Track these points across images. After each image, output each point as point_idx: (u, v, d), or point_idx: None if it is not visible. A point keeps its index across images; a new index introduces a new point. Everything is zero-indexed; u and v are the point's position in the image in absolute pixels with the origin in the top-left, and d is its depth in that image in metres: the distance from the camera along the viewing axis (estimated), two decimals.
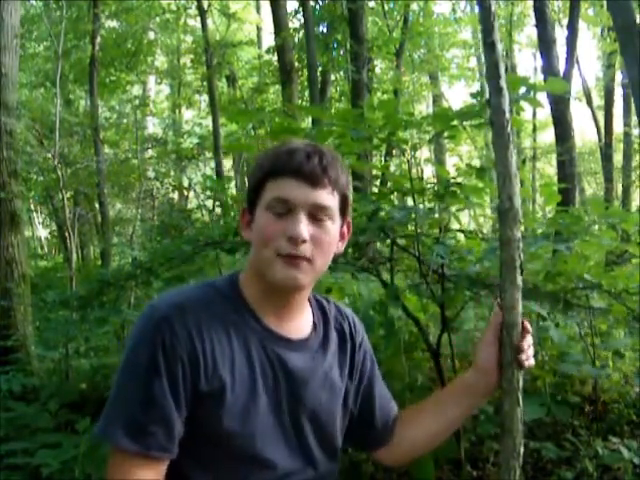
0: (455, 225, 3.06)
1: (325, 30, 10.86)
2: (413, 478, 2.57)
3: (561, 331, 2.46)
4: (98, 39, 12.47)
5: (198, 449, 1.04)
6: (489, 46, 1.17)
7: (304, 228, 1.02)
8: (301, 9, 10.23)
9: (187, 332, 0.99)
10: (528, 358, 1.15)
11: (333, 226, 1.07)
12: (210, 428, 1.02)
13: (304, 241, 1.02)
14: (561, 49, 8.81)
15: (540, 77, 14.22)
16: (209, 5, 13.62)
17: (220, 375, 1.01)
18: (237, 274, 1.14)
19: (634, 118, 13.13)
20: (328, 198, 1.05)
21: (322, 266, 1.07)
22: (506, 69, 1.18)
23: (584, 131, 20.98)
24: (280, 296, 1.10)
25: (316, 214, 1.04)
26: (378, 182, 7.19)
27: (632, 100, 6.92)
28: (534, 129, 16.85)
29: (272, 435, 1.06)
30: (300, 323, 1.15)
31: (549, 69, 8.06)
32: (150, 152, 14.21)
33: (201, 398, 1.00)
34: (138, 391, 0.98)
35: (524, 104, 1.97)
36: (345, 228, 1.14)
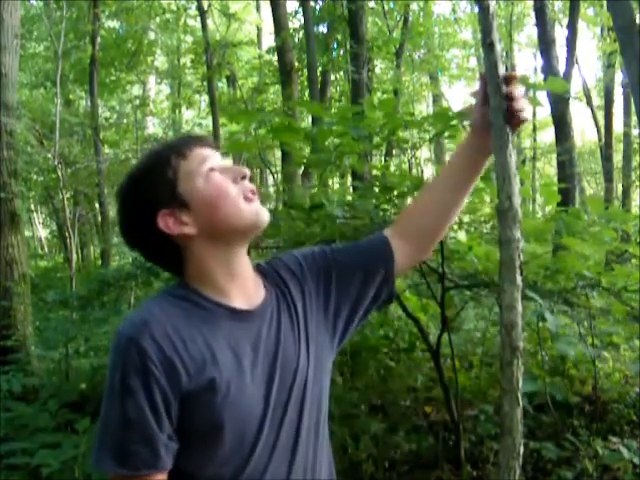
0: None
1: (325, 30, 10.86)
2: None
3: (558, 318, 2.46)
4: (98, 39, 12.48)
5: (198, 447, 1.05)
6: (488, 46, 1.17)
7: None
8: (301, 9, 10.23)
9: (156, 345, 1.01)
10: (522, 109, 1.16)
11: None
12: (206, 421, 1.03)
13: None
14: (561, 49, 8.83)
15: (540, 77, 14.22)
16: (209, 5, 13.62)
17: (204, 371, 1.03)
18: (181, 279, 1.16)
19: (634, 118, 13.13)
20: None
21: None
22: (506, 69, 1.18)
23: (584, 131, 21.00)
24: (241, 256, 1.14)
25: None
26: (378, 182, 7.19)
27: (632, 100, 6.93)
28: (534, 129, 16.86)
29: (261, 409, 1.08)
30: (256, 289, 1.18)
31: (549, 69, 8.06)
32: None
33: (190, 398, 1.02)
34: (117, 416, 1.00)
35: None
36: None
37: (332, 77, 12.03)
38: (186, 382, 1.01)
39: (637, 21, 4.97)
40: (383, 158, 9.21)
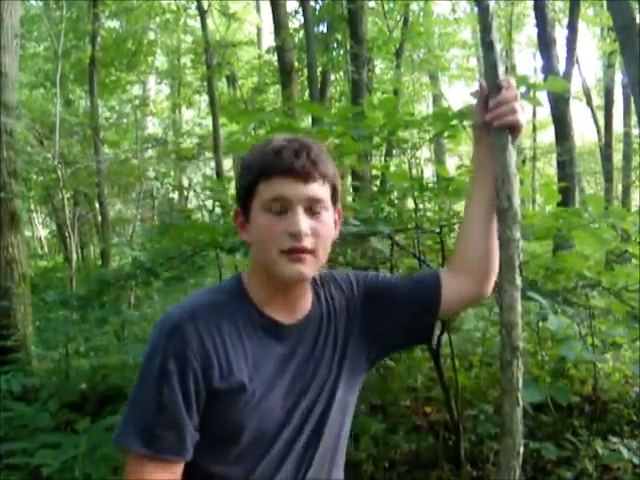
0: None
1: (325, 30, 10.83)
2: None
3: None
4: (98, 39, 12.47)
5: (213, 445, 1.08)
6: (487, 46, 1.17)
7: (304, 222, 1.05)
8: (301, 9, 10.21)
9: (199, 337, 1.04)
10: (504, 114, 1.15)
11: (328, 216, 1.11)
12: (224, 422, 1.06)
13: (306, 235, 1.05)
14: (561, 49, 8.79)
15: (540, 77, 14.20)
16: (209, 5, 13.61)
17: (235, 374, 1.06)
18: (240, 275, 1.18)
19: (634, 118, 13.13)
20: (321, 190, 1.09)
21: (324, 256, 1.11)
22: (506, 69, 1.19)
23: (584, 131, 20.98)
24: (287, 290, 1.14)
25: (312, 207, 1.08)
26: (378, 182, 7.19)
27: (632, 100, 6.92)
28: (534, 129, 16.85)
29: (282, 421, 1.11)
30: (303, 303, 1.19)
31: (549, 69, 8.04)
32: (150, 152, 14.21)
33: (217, 396, 1.05)
34: (150, 398, 1.03)
35: (524, 104, 1.96)
36: (336, 216, 1.17)
37: (332, 77, 12.01)
38: (217, 380, 1.05)
39: (637, 21, 4.97)
40: (383, 158, 9.22)
